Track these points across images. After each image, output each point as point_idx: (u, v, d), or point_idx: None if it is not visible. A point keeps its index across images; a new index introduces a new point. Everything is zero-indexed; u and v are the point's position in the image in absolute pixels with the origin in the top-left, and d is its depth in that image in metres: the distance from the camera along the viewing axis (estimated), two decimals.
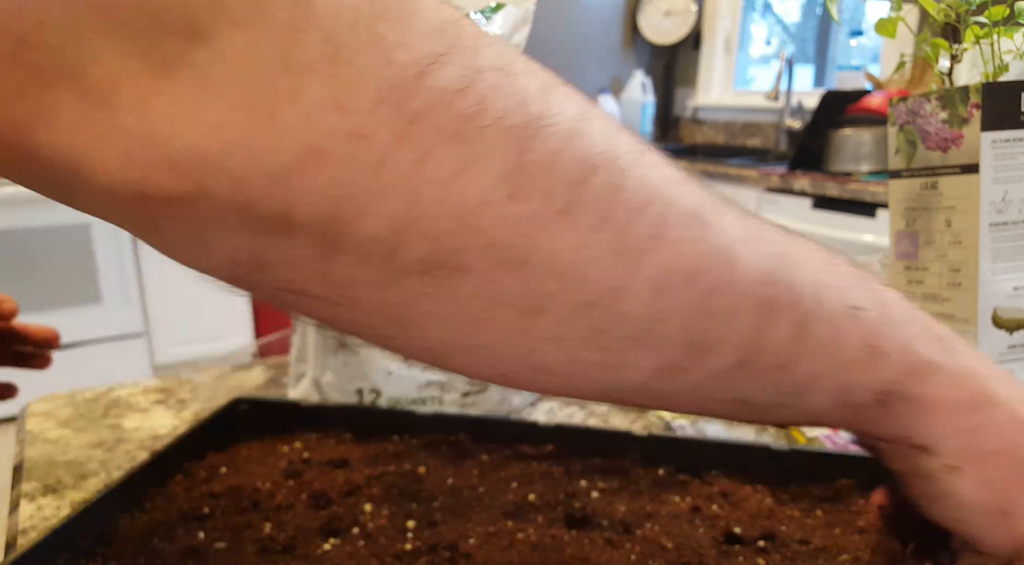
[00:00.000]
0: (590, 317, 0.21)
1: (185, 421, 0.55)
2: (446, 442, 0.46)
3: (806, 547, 0.35)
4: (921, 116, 0.45)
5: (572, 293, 0.21)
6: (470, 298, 0.20)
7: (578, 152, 0.21)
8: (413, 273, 0.20)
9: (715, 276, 0.22)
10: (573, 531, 0.37)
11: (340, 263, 0.20)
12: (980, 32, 0.44)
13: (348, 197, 0.19)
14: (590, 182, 0.20)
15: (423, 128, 0.19)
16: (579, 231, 0.20)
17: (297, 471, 0.43)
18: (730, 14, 3.04)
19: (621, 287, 0.21)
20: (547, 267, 0.20)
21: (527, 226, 0.20)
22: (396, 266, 0.20)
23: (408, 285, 0.20)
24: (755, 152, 2.81)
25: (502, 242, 0.20)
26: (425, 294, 0.20)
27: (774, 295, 0.23)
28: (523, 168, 0.20)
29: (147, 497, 0.40)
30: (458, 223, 0.19)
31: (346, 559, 0.35)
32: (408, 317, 0.21)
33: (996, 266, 0.43)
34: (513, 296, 0.20)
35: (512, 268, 0.20)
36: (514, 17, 0.49)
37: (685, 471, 0.42)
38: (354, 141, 0.18)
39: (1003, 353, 0.44)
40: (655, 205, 0.21)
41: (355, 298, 0.21)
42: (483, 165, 0.19)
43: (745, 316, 0.22)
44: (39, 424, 0.55)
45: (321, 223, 0.19)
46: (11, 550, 0.39)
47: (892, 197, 0.48)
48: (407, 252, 0.19)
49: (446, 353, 0.22)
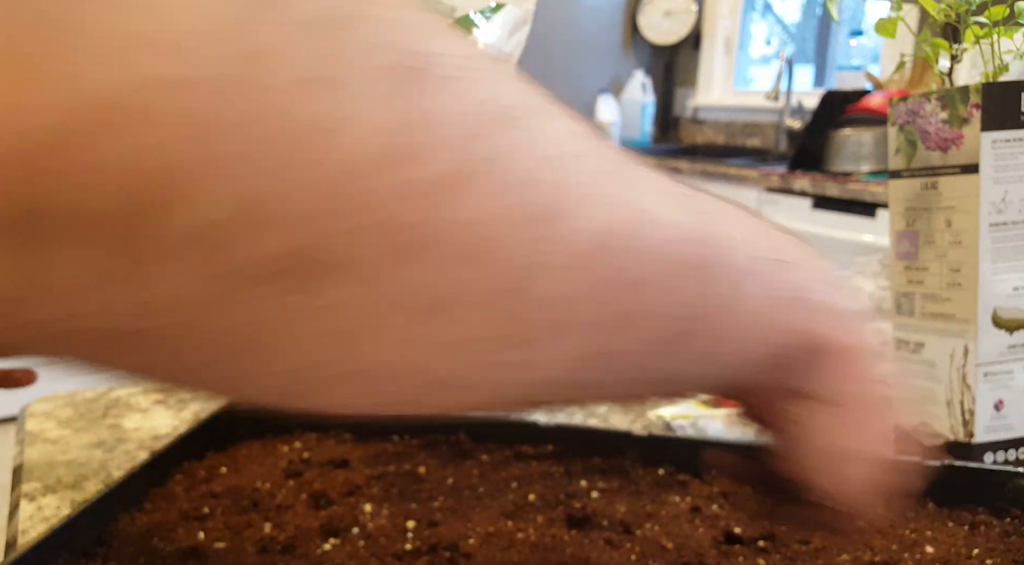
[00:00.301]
0: (502, 306, 0.17)
1: (185, 421, 0.55)
2: (446, 442, 0.46)
3: (806, 547, 0.35)
4: (921, 116, 0.45)
5: (485, 279, 0.16)
6: (350, 303, 0.15)
7: (479, 99, 0.16)
8: (267, 277, 0.14)
9: (640, 239, 0.19)
10: (573, 531, 0.37)
11: (152, 276, 0.13)
12: (980, 32, 0.44)
13: (162, 172, 0.13)
14: (496, 136, 0.16)
15: (280, 70, 0.13)
16: (488, 197, 0.16)
17: (297, 471, 0.43)
18: (730, 14, 3.04)
19: (541, 263, 0.17)
20: (455, 248, 0.15)
21: (431, 195, 0.15)
22: (241, 270, 0.14)
23: (259, 296, 0.14)
24: (755, 152, 2.81)
25: (397, 222, 0.15)
26: (283, 307, 0.14)
27: (695, 254, 0.20)
28: (415, 120, 0.15)
29: (147, 497, 0.40)
30: (333, 199, 0.14)
31: (346, 559, 0.35)
32: (254, 345, 0.15)
33: (996, 266, 0.43)
34: (412, 293, 0.15)
35: (412, 255, 0.15)
36: (514, 17, 0.49)
37: (685, 471, 0.42)
38: (172, 89, 0.12)
39: (1003, 353, 0.44)
40: (570, 160, 0.18)
41: (174, 328, 0.14)
42: (366, 117, 0.14)
43: (669, 280, 0.20)
44: (39, 424, 0.55)
45: (123, 216, 0.13)
46: (11, 550, 0.39)
47: (892, 197, 0.48)
48: (258, 246, 0.14)
49: (311, 388, 0.17)
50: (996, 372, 0.44)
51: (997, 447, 0.45)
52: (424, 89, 0.15)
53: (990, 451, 0.45)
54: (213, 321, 0.15)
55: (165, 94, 0.12)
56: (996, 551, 0.34)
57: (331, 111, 0.14)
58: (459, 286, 0.16)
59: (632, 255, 0.19)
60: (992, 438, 0.45)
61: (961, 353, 0.45)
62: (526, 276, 0.17)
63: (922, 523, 0.37)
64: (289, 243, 0.14)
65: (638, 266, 0.19)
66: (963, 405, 0.45)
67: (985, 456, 0.45)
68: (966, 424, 0.45)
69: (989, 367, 0.44)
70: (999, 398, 0.44)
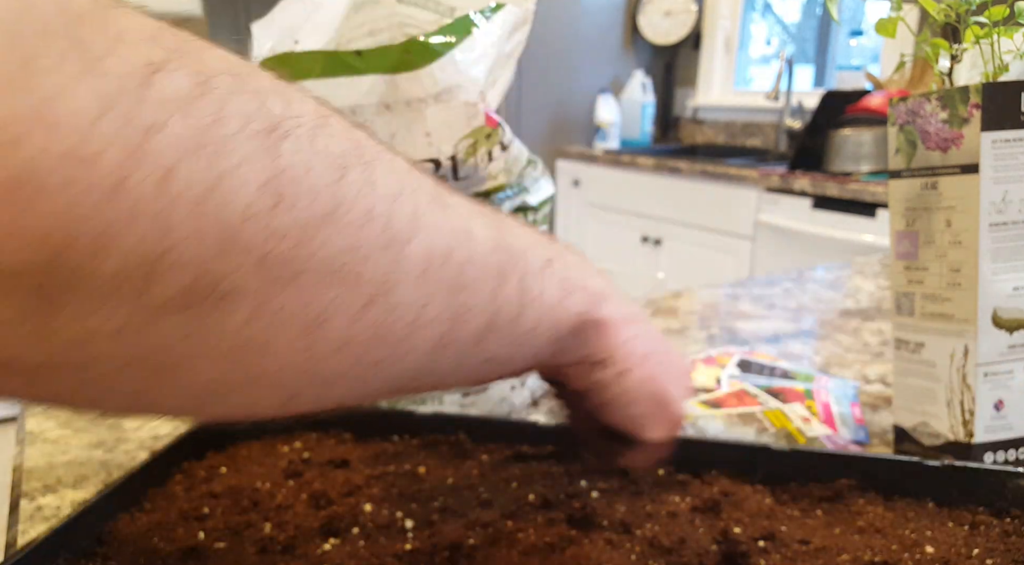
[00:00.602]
0: (370, 315, 0.21)
1: (185, 421, 0.55)
2: (446, 442, 0.46)
3: (806, 547, 0.35)
4: (921, 116, 0.45)
5: (351, 296, 0.20)
6: (244, 325, 0.18)
7: (330, 150, 0.20)
8: (172, 310, 0.17)
9: (464, 251, 0.24)
10: (573, 531, 0.37)
11: (69, 316, 0.16)
12: (980, 32, 0.44)
13: (77, 233, 0.15)
14: (347, 179, 0.20)
15: (162, 142, 0.16)
16: (347, 229, 0.20)
17: (297, 471, 0.43)
18: (730, 14, 3.04)
19: (392, 279, 0.21)
20: (324, 274, 0.19)
21: (298, 234, 0.18)
22: (149, 306, 0.17)
23: (166, 326, 0.17)
24: (755, 152, 2.81)
25: (275, 256, 0.18)
26: (189, 332, 0.18)
27: (502, 260, 0.26)
28: (282, 173, 0.18)
29: (147, 497, 0.40)
30: (222, 243, 0.17)
31: (346, 559, 0.35)
32: (166, 364, 0.18)
33: (996, 266, 0.43)
34: (293, 312, 0.19)
35: (288, 282, 0.19)
36: (514, 17, 0.49)
37: (685, 471, 0.42)
38: (77, 164, 0.15)
39: (1003, 353, 0.44)
40: (406, 194, 0.22)
41: (90, 358, 0.17)
42: (239, 176, 0.17)
43: (488, 282, 0.25)
44: (39, 424, 0.55)
45: (41, 270, 0.15)
46: (11, 550, 0.39)
47: (892, 197, 0.48)
48: (163, 287, 0.17)
49: (219, 395, 0.20)
50: (996, 372, 0.44)
51: (997, 447, 0.45)
52: (279, 147, 0.18)
53: (990, 451, 0.45)
54: (131, 349, 0.17)
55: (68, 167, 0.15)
56: (996, 551, 0.34)
57: (210, 172, 0.17)
58: (331, 303, 0.20)
59: (459, 265, 0.24)
60: (992, 438, 0.45)
61: (961, 353, 0.45)
62: (383, 290, 0.21)
63: (922, 523, 0.37)
64: (190, 282, 0.17)
65: (465, 272, 0.24)
66: (963, 405, 0.45)
67: (985, 456, 0.45)
68: (966, 424, 0.45)
69: (989, 367, 0.44)
70: (999, 398, 0.44)
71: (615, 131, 2.96)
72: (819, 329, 0.81)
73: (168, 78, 0.17)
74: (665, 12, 3.09)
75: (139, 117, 0.16)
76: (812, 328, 0.82)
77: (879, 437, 0.52)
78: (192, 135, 0.16)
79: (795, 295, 0.95)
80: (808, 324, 0.83)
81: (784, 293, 0.96)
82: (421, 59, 0.44)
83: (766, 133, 2.89)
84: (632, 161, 2.65)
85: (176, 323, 0.17)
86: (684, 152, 2.93)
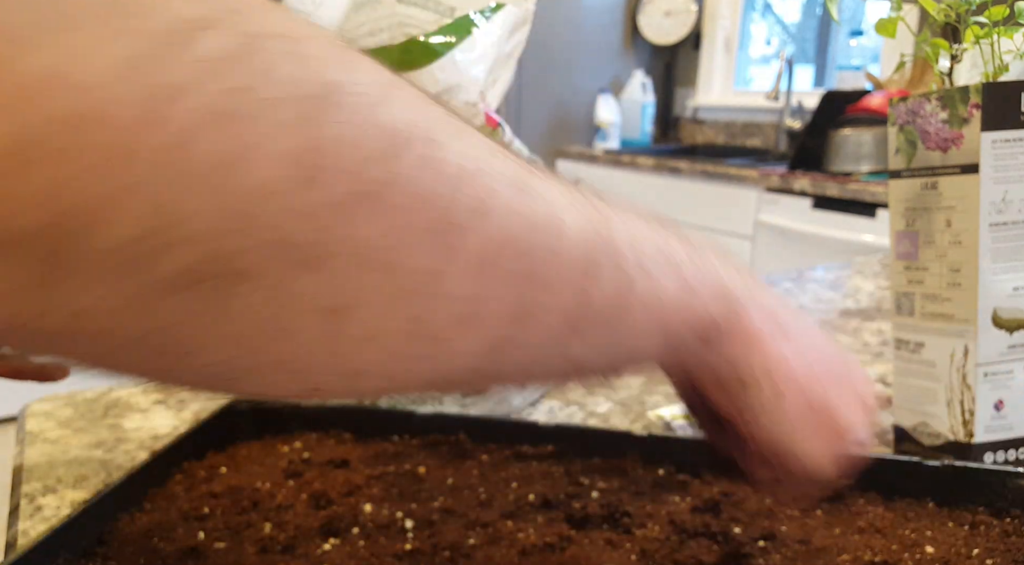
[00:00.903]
0: (408, 307, 0.19)
1: (185, 421, 0.55)
2: (446, 442, 0.46)
3: (806, 547, 0.35)
4: (921, 116, 0.45)
5: (385, 285, 0.18)
6: (259, 308, 0.17)
7: (390, 124, 0.18)
8: (179, 288, 0.16)
9: (542, 246, 0.21)
10: (573, 531, 0.37)
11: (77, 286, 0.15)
12: (980, 32, 0.44)
13: (83, 200, 0.14)
14: (404, 158, 0.18)
15: (186, 105, 0.15)
16: (391, 213, 0.17)
17: (297, 471, 0.43)
18: (730, 14, 3.04)
19: (440, 271, 0.19)
20: (354, 260, 0.17)
21: (330, 216, 0.17)
22: (154, 282, 0.16)
23: (174, 304, 0.16)
24: (755, 152, 2.81)
25: (297, 238, 0.16)
26: (198, 311, 0.16)
27: (596, 254, 0.23)
28: (320, 146, 0.16)
29: (147, 497, 0.40)
30: (238, 220, 0.16)
31: (346, 559, 0.35)
32: (180, 342, 0.17)
33: (996, 266, 0.43)
34: (315, 298, 0.17)
35: (311, 267, 0.17)
36: (514, 17, 0.49)
37: (685, 471, 0.42)
38: (88, 126, 0.14)
39: (1003, 353, 0.44)
40: (478, 177, 0.20)
41: (101, 330, 0.16)
42: (268, 147, 0.16)
43: (571, 279, 0.22)
44: (39, 424, 0.55)
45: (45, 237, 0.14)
46: (11, 550, 0.39)
47: (892, 197, 0.48)
48: (169, 263, 0.15)
49: (239, 375, 0.19)
50: (996, 372, 0.44)
51: (997, 447, 0.45)
52: (323, 118, 0.16)
53: (990, 451, 0.45)
54: (132, 324, 0.16)
55: (80, 130, 0.14)
56: (996, 551, 0.34)
57: (235, 141, 0.15)
58: (362, 291, 0.18)
59: (531, 259, 0.21)
60: (992, 438, 0.45)
61: (961, 353, 0.45)
62: (429, 279, 0.19)
63: (922, 523, 0.37)
64: (198, 259, 0.16)
65: (539, 267, 0.21)
66: (963, 405, 0.45)
67: (985, 456, 0.45)
68: (966, 424, 0.45)
69: (989, 367, 0.44)
70: (999, 398, 0.44)
71: (615, 131, 2.96)
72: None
73: (210, 38, 0.15)
74: (665, 12, 3.09)
75: (165, 79, 0.15)
76: None
77: (879, 437, 0.52)
78: (221, 100, 0.15)
79: (795, 295, 0.95)
80: None
81: (784, 293, 0.96)
82: (421, 59, 0.44)
83: (766, 133, 2.89)
84: (632, 161, 2.65)
85: (184, 302, 0.16)
86: (684, 152, 2.93)
